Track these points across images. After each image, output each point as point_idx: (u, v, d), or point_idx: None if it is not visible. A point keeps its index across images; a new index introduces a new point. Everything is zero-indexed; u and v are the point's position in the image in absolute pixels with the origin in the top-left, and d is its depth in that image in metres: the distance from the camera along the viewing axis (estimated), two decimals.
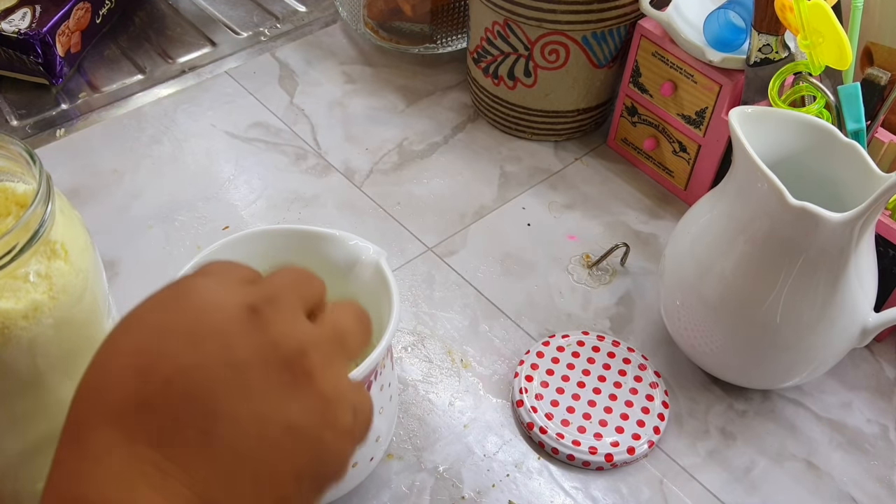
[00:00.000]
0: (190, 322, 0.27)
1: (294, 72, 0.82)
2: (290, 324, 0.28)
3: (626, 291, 0.64)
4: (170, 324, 0.27)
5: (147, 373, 0.26)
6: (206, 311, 0.27)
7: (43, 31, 0.75)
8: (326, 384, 0.28)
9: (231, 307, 0.27)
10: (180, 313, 0.27)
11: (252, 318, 0.27)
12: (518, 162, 0.74)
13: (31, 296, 0.40)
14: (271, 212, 0.69)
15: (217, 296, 0.28)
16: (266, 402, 0.26)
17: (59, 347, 0.42)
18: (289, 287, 0.30)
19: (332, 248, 0.50)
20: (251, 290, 0.29)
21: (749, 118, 0.50)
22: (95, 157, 0.73)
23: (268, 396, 0.27)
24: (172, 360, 0.26)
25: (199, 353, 0.26)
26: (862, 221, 0.46)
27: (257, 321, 0.27)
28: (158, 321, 0.27)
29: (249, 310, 0.27)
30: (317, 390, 0.28)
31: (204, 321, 0.27)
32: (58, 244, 0.41)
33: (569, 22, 0.67)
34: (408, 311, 0.62)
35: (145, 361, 0.26)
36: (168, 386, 0.26)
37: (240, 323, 0.27)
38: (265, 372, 0.27)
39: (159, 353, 0.26)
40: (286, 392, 0.27)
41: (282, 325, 0.28)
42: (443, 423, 0.56)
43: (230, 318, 0.27)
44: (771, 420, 0.57)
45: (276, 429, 0.26)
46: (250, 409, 0.26)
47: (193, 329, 0.27)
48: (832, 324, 0.51)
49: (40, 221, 0.39)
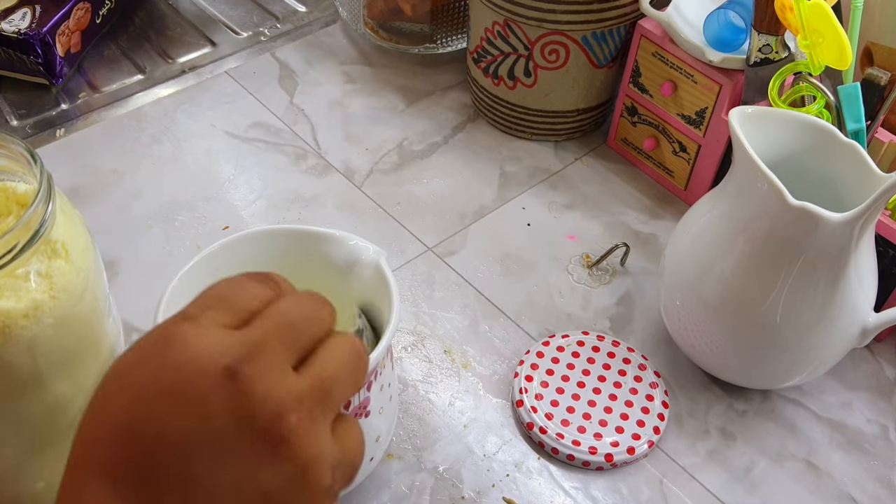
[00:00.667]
0: (173, 383, 0.27)
1: (294, 72, 0.82)
2: (269, 384, 0.28)
3: (626, 291, 0.64)
4: (154, 382, 0.28)
5: (132, 433, 0.27)
6: (189, 372, 0.27)
7: (43, 31, 0.75)
8: (303, 448, 0.28)
9: (211, 369, 0.27)
10: (164, 371, 0.28)
11: (231, 381, 0.27)
12: (518, 162, 0.74)
13: (32, 295, 0.40)
14: (271, 212, 0.69)
15: (202, 352, 0.28)
16: (241, 471, 0.27)
17: (60, 347, 0.42)
18: (282, 331, 0.29)
19: (332, 248, 0.50)
20: (238, 341, 0.28)
21: (749, 118, 0.50)
22: (95, 157, 0.73)
23: (243, 465, 0.27)
24: (155, 424, 0.27)
25: (179, 419, 0.27)
26: (862, 221, 0.46)
27: (236, 385, 0.27)
28: (143, 377, 0.28)
29: (228, 374, 0.27)
30: (292, 455, 0.28)
31: (185, 385, 0.27)
32: (58, 243, 0.41)
33: (569, 22, 0.67)
34: (408, 311, 0.62)
35: (130, 420, 0.27)
36: (151, 451, 0.27)
37: (219, 388, 0.27)
38: (241, 441, 0.27)
39: (143, 414, 0.27)
40: (261, 460, 0.27)
41: (260, 387, 0.27)
42: (443, 423, 0.56)
43: (211, 382, 0.27)
44: (771, 420, 0.57)
45: (251, 498, 0.27)
46: (227, 478, 0.27)
47: (176, 392, 0.27)
48: (832, 324, 0.51)
49: (41, 221, 0.39)
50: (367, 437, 0.47)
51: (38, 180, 0.40)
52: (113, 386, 0.29)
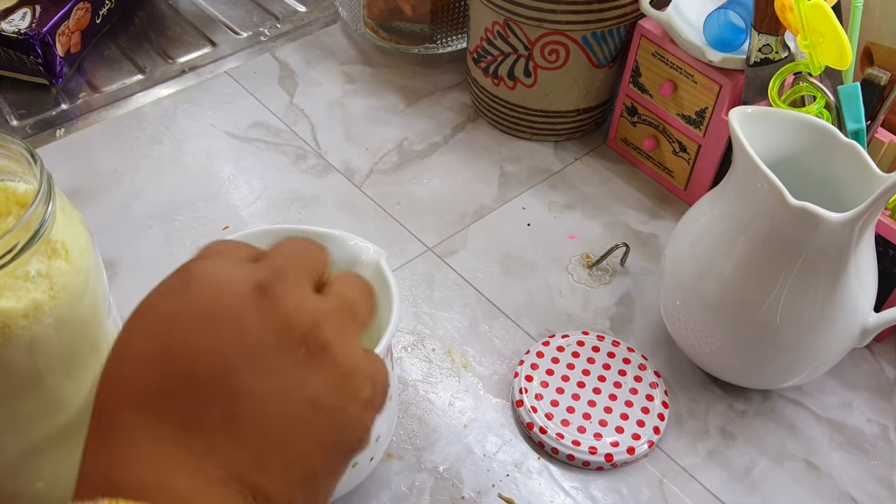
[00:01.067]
0: (202, 306, 0.27)
1: (294, 72, 0.82)
2: (299, 298, 0.28)
3: (626, 291, 0.64)
4: (183, 310, 0.28)
5: (167, 358, 0.27)
6: (216, 293, 0.28)
7: (43, 31, 0.75)
8: (343, 356, 0.28)
9: (240, 287, 0.28)
10: (191, 298, 0.28)
11: (262, 296, 0.28)
12: (518, 162, 0.74)
13: (32, 295, 0.40)
14: (271, 212, 0.69)
15: (225, 276, 0.28)
16: (286, 379, 0.27)
17: (60, 347, 0.42)
18: (293, 261, 0.30)
19: (332, 248, 0.50)
20: (257, 268, 0.29)
21: (749, 118, 0.50)
22: (95, 157, 0.73)
23: (287, 373, 0.27)
24: (190, 345, 0.27)
25: (215, 336, 0.27)
26: (862, 221, 0.46)
27: (267, 299, 0.28)
28: (171, 308, 0.28)
29: (258, 288, 0.28)
30: (334, 363, 0.28)
31: (215, 304, 0.27)
32: (58, 243, 0.41)
33: (569, 22, 0.67)
34: (408, 311, 0.62)
35: (163, 348, 0.27)
36: (189, 370, 0.26)
37: (251, 303, 0.27)
38: (281, 349, 0.27)
39: (177, 339, 0.27)
40: (304, 367, 0.27)
41: (292, 300, 0.28)
42: (443, 423, 0.56)
43: (240, 299, 0.28)
44: (771, 420, 0.57)
45: (298, 404, 0.27)
46: (271, 387, 0.27)
47: (206, 313, 0.27)
48: (832, 324, 0.51)
49: (41, 221, 0.39)
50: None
51: (38, 180, 0.40)
52: (138, 324, 0.28)
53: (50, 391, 0.43)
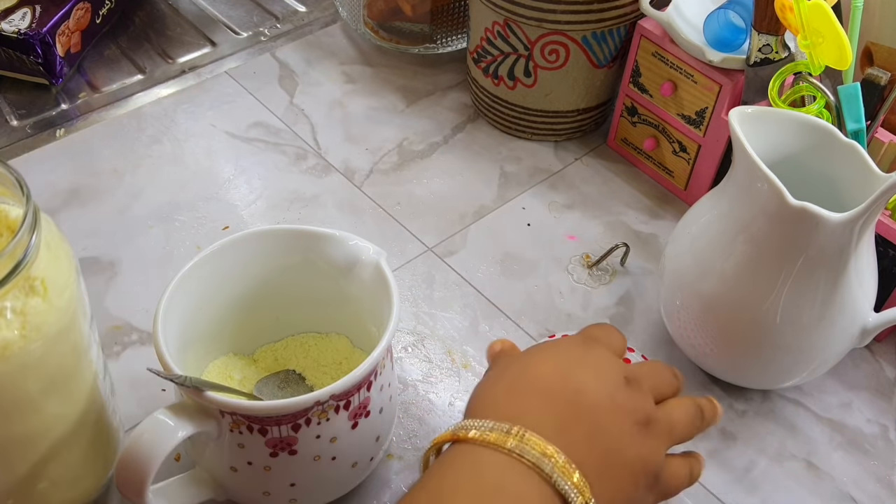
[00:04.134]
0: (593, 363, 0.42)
1: (294, 72, 0.82)
2: (645, 400, 0.41)
3: (626, 291, 0.64)
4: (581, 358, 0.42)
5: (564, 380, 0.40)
6: (604, 363, 0.42)
7: (43, 31, 0.75)
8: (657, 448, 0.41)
9: (617, 371, 0.42)
10: (586, 355, 0.43)
11: (627, 384, 0.41)
12: (518, 162, 0.74)
13: (2, 333, 0.38)
14: (271, 212, 0.69)
15: (609, 359, 0.43)
16: (628, 436, 0.40)
17: (24, 388, 0.40)
18: (647, 376, 0.43)
19: (332, 248, 0.50)
20: (625, 367, 0.42)
21: (749, 118, 0.50)
22: (95, 157, 0.73)
23: (630, 433, 0.40)
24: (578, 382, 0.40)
25: (597, 383, 0.40)
26: (862, 221, 0.46)
27: (629, 388, 0.41)
28: (574, 355, 0.43)
29: (626, 379, 0.41)
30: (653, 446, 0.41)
31: (602, 367, 0.42)
32: (38, 280, 0.39)
33: (569, 22, 0.67)
34: (408, 311, 0.62)
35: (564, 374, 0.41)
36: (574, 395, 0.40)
37: (620, 382, 0.41)
38: (629, 419, 0.40)
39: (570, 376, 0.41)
40: (639, 437, 0.40)
41: (641, 398, 0.41)
42: (443, 423, 0.56)
43: (616, 377, 0.41)
44: (771, 420, 0.57)
45: (631, 453, 0.40)
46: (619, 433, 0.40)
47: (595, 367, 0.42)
48: (832, 324, 0.51)
49: (24, 251, 0.38)
50: (367, 438, 0.48)
51: (24, 209, 0.38)
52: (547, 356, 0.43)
53: (14, 427, 0.41)
